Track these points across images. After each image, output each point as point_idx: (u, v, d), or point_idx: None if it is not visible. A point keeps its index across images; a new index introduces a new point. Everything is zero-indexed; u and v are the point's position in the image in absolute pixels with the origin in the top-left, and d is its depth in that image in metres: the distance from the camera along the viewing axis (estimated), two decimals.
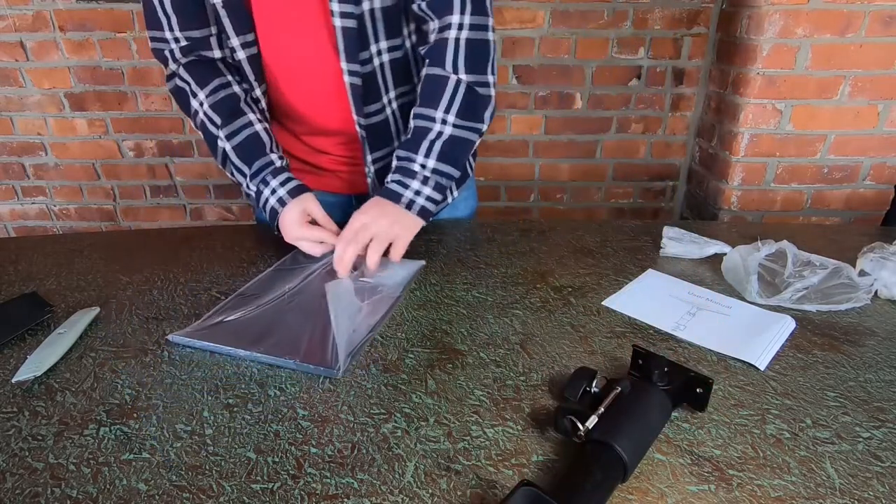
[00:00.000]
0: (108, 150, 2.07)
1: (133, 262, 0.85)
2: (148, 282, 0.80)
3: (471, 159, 1.03)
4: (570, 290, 0.76)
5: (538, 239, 0.92)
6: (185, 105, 0.85)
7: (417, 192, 0.79)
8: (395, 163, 0.82)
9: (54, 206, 2.19)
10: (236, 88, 0.83)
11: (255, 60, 0.83)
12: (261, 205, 0.83)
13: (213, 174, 2.11)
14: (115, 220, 2.21)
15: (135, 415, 0.54)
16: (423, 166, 0.80)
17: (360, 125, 0.86)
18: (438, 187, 0.81)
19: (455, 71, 0.79)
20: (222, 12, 0.78)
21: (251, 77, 0.84)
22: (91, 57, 1.92)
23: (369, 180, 0.92)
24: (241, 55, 0.81)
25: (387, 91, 0.86)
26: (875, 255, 0.76)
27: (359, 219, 0.76)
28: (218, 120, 0.81)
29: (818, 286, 0.74)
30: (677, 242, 0.86)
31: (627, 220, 1.24)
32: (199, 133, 0.85)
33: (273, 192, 0.81)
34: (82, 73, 1.94)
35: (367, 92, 0.83)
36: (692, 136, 2.04)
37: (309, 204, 0.81)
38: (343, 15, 0.76)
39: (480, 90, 0.81)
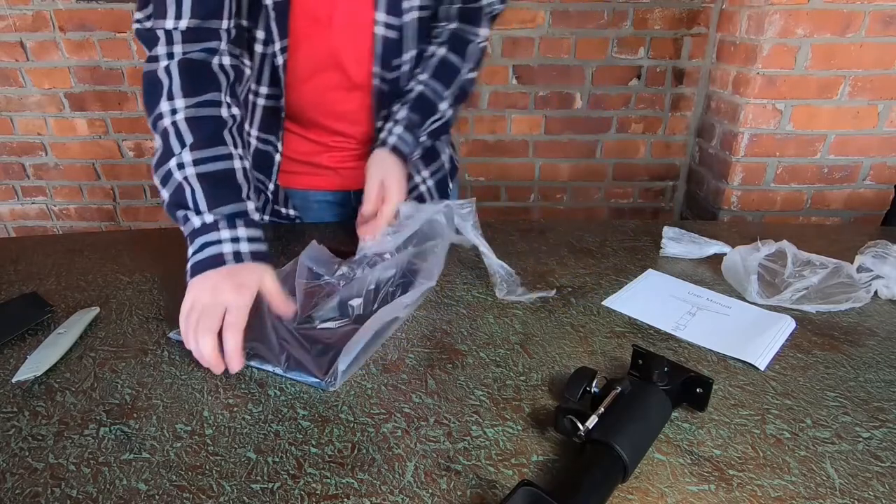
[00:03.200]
0: (108, 150, 2.07)
1: (133, 262, 0.85)
2: (148, 282, 0.80)
3: (456, 154, 1.05)
4: (570, 290, 0.76)
5: (538, 239, 0.92)
6: (151, 98, 0.69)
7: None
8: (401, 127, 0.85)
9: (54, 206, 2.19)
10: (224, 112, 0.70)
11: (286, 67, 0.82)
12: (204, 240, 0.63)
13: None
14: (115, 220, 2.21)
15: (135, 415, 0.54)
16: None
17: (378, 81, 0.85)
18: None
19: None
20: (272, 14, 0.75)
21: (282, 83, 0.82)
22: (91, 57, 1.92)
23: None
24: (279, 61, 0.80)
25: (407, 49, 0.86)
26: (877, 251, 0.76)
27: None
28: (188, 138, 0.66)
29: (818, 286, 0.74)
30: (677, 242, 0.86)
31: (627, 220, 1.24)
32: (154, 134, 0.70)
33: (235, 240, 0.64)
34: (82, 73, 1.94)
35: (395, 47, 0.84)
36: (692, 136, 2.04)
37: (268, 281, 0.63)
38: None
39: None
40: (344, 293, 0.70)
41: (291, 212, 0.96)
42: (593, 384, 0.52)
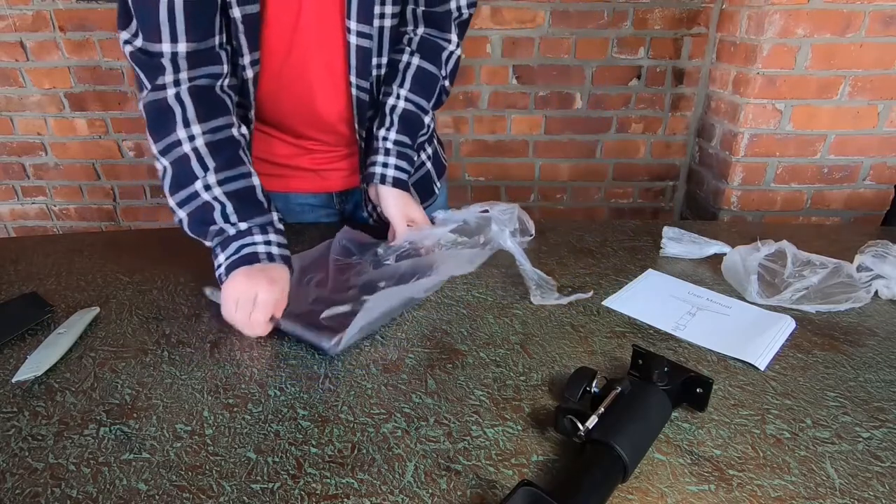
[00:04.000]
0: (108, 150, 2.07)
1: (133, 262, 0.85)
2: (148, 282, 0.80)
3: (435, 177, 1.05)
4: (570, 290, 0.76)
5: (538, 239, 0.92)
6: (162, 126, 0.70)
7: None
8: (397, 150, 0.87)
9: (54, 206, 2.19)
10: (236, 133, 0.73)
11: (256, 80, 0.80)
12: (240, 243, 0.70)
13: None
14: (115, 220, 2.21)
15: (135, 415, 0.54)
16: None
17: (356, 90, 0.85)
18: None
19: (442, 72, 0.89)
20: (241, 27, 0.73)
21: (251, 96, 0.80)
22: (91, 57, 1.92)
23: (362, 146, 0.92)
24: (249, 74, 0.78)
25: (381, 55, 0.85)
26: (877, 250, 0.76)
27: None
28: (211, 163, 0.70)
29: (818, 286, 0.74)
30: (677, 242, 0.86)
31: (627, 220, 1.24)
32: (163, 161, 0.71)
33: (268, 243, 0.70)
34: (82, 73, 1.94)
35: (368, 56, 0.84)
36: (692, 136, 2.04)
37: (285, 282, 0.70)
38: None
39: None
40: (374, 274, 0.75)
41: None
42: (593, 384, 0.52)
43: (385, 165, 0.85)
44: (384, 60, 0.85)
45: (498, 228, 0.79)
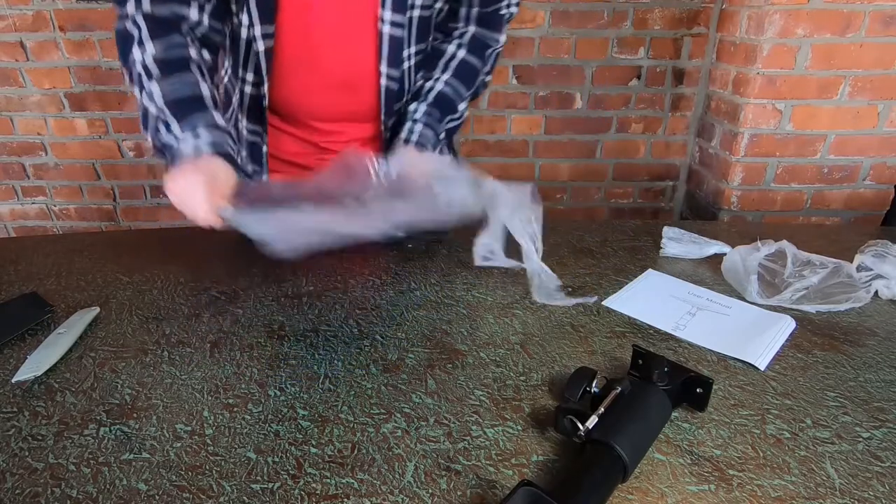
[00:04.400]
0: (108, 150, 2.07)
1: (133, 262, 0.85)
2: (148, 282, 0.80)
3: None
4: (570, 290, 0.76)
5: None
6: (124, 52, 0.74)
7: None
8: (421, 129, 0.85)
9: (54, 206, 2.19)
10: (193, 53, 0.75)
11: (269, 53, 0.80)
12: (175, 148, 0.72)
13: None
14: (115, 220, 2.21)
15: (135, 415, 0.54)
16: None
17: (386, 80, 0.84)
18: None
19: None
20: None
21: (263, 70, 0.80)
22: (91, 57, 1.92)
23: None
24: (260, 46, 0.78)
25: (409, 46, 0.84)
26: (877, 250, 0.76)
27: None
28: (156, 72, 0.72)
29: (818, 286, 0.74)
30: (677, 242, 0.86)
31: (627, 220, 1.24)
32: (133, 89, 0.75)
33: (196, 138, 0.72)
34: (82, 73, 1.94)
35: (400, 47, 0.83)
36: (692, 136, 2.04)
37: (221, 173, 0.71)
38: None
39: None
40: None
41: None
42: (593, 384, 0.52)
43: (410, 132, 0.85)
44: (415, 49, 0.85)
45: (507, 212, 0.73)
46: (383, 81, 0.83)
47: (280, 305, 0.73)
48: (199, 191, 0.67)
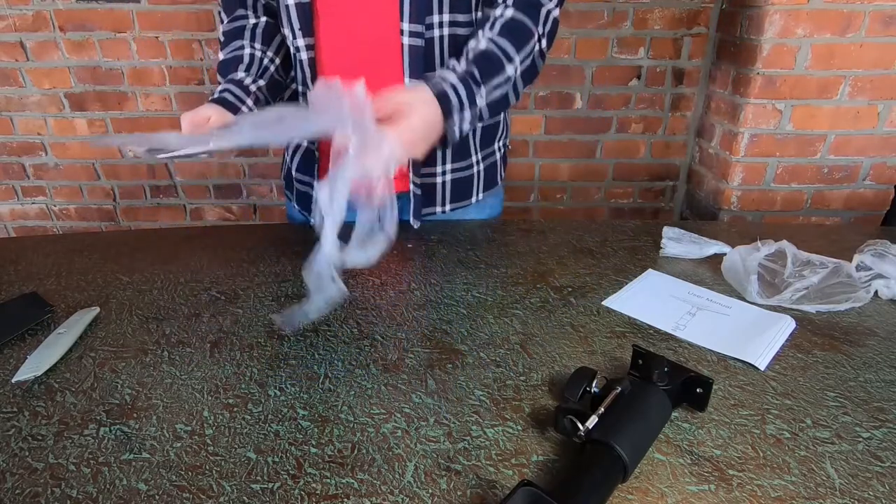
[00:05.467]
0: (108, 150, 2.07)
1: (133, 262, 0.85)
2: (148, 282, 0.80)
3: (501, 169, 1.02)
4: (570, 290, 0.76)
5: (538, 239, 0.92)
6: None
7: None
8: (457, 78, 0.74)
9: (54, 206, 2.19)
10: (251, 21, 0.89)
11: (313, 63, 0.84)
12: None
13: (212, 174, 2.11)
14: (115, 220, 2.21)
15: (135, 415, 0.54)
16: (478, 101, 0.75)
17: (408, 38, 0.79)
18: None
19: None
20: (293, 13, 0.81)
21: (308, 77, 0.86)
22: (91, 57, 1.92)
23: None
24: (303, 56, 0.84)
25: (440, 12, 0.80)
26: (876, 249, 0.76)
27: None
28: (223, 41, 0.90)
29: (818, 286, 0.74)
30: (677, 242, 0.86)
31: (627, 220, 1.24)
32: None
33: (216, 93, 0.82)
34: (82, 73, 1.94)
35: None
36: (692, 136, 2.04)
37: (202, 111, 0.75)
38: None
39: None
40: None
41: None
42: (593, 384, 0.52)
43: (442, 79, 0.73)
44: (447, 19, 0.79)
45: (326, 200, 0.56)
46: (405, 40, 0.79)
47: (280, 305, 0.73)
48: (185, 119, 0.74)
